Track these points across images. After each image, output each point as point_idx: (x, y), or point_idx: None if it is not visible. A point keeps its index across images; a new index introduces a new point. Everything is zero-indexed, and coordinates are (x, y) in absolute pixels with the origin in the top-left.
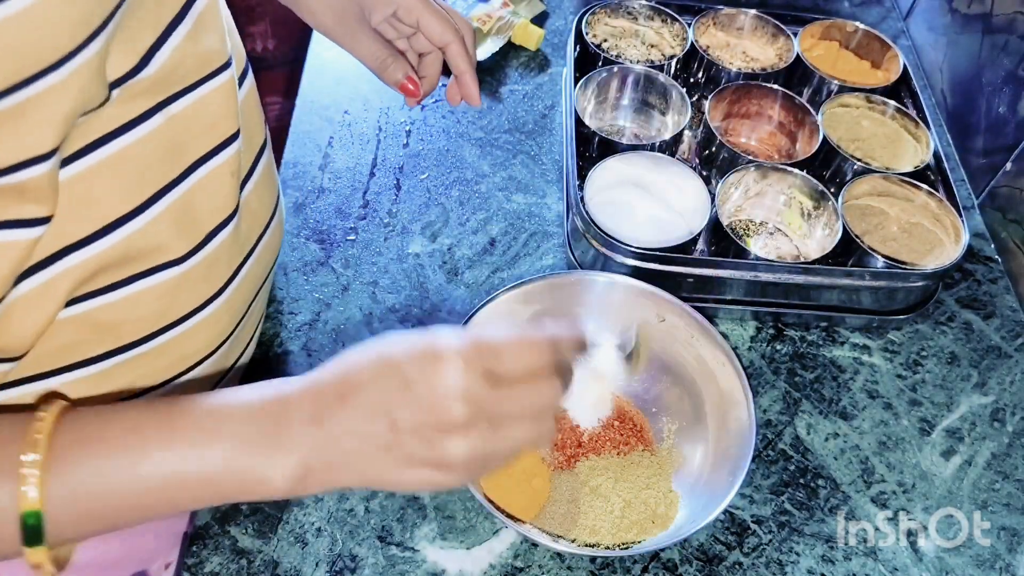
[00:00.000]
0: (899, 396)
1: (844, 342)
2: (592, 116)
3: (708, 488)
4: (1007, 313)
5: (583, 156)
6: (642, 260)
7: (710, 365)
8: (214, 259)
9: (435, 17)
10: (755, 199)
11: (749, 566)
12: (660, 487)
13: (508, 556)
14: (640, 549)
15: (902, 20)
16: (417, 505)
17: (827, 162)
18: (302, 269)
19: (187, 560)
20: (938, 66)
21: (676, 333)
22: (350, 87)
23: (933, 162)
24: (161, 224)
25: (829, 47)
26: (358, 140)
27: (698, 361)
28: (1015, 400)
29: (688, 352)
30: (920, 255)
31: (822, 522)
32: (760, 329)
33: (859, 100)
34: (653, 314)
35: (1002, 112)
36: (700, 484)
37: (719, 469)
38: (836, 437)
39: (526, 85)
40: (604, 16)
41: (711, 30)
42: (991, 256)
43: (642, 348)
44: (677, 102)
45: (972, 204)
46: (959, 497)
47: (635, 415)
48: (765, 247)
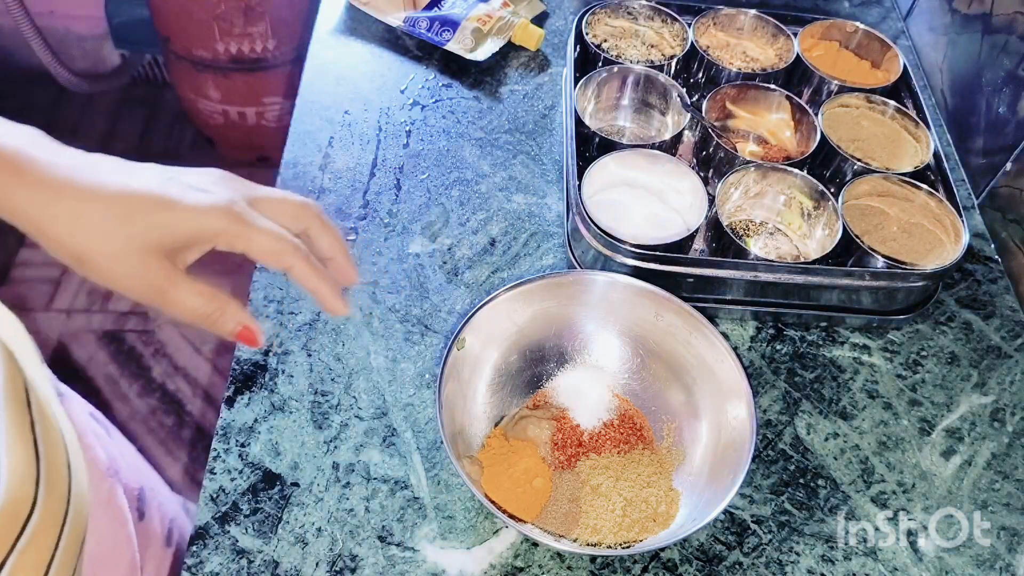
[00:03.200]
0: (899, 396)
1: (844, 342)
2: (592, 116)
3: (708, 487)
4: (1007, 313)
5: (583, 156)
6: (643, 260)
7: (710, 364)
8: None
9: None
10: (755, 199)
11: (749, 566)
12: (661, 485)
13: (508, 556)
14: (641, 548)
15: (902, 20)
16: (417, 505)
17: (827, 162)
18: None
19: (187, 560)
20: (938, 66)
21: (676, 332)
22: (350, 87)
23: (933, 162)
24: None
25: (829, 47)
26: (358, 140)
27: (698, 360)
28: (1015, 400)
29: (688, 351)
30: (920, 255)
31: (822, 522)
32: (760, 329)
33: (859, 100)
34: (652, 313)
35: (1002, 112)
36: (700, 483)
37: (719, 468)
38: (836, 437)
39: (526, 85)
40: (604, 16)
41: (711, 30)
42: (991, 256)
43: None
44: (677, 102)
45: (972, 204)
46: (959, 497)
47: (635, 414)
48: (765, 247)
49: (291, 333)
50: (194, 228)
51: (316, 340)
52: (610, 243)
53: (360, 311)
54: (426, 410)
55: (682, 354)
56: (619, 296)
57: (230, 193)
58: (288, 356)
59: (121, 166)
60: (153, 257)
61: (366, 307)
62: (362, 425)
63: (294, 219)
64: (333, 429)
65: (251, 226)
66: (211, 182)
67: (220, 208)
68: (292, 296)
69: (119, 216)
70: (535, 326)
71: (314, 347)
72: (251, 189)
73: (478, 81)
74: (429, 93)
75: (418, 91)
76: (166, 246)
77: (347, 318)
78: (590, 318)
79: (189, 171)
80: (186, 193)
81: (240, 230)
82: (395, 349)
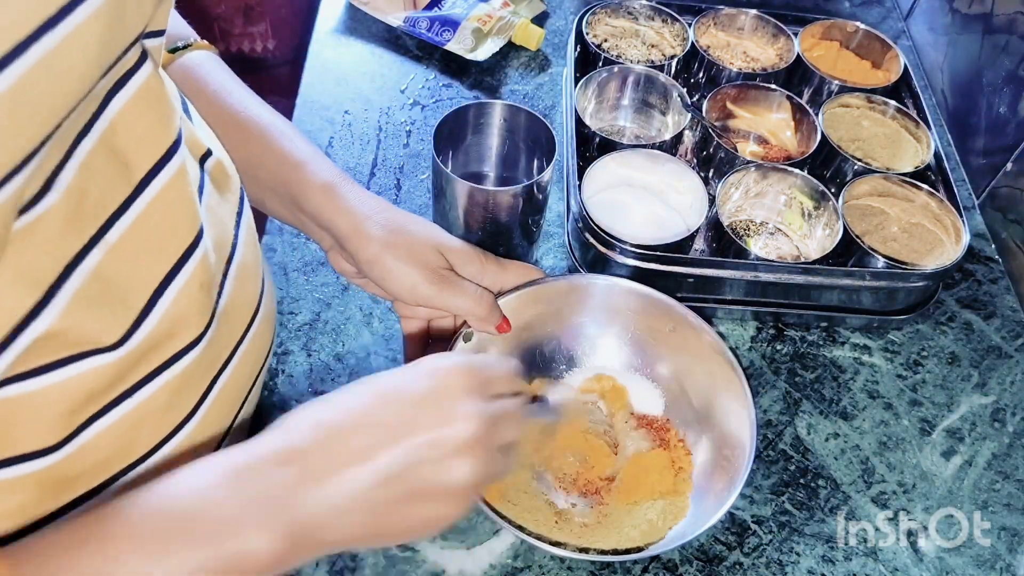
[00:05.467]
0: (899, 396)
1: (844, 342)
2: (592, 116)
3: (709, 489)
4: (1007, 313)
5: (583, 156)
6: (643, 260)
7: (709, 366)
8: (178, 385)
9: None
10: (755, 199)
11: (749, 566)
12: (678, 503)
13: (508, 556)
14: (643, 555)
15: (902, 20)
16: None
17: (827, 162)
18: (302, 269)
19: None
20: (939, 66)
21: (674, 334)
22: (350, 87)
23: (933, 162)
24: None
25: (829, 47)
26: (358, 140)
27: (697, 362)
28: (1015, 400)
29: (687, 352)
30: (920, 255)
31: (822, 522)
32: (760, 329)
33: (859, 100)
34: (653, 317)
35: (1002, 112)
36: (701, 485)
37: (720, 471)
38: (836, 437)
39: (526, 85)
40: (604, 16)
41: (711, 30)
42: (991, 256)
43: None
44: (677, 102)
45: (972, 204)
46: (959, 497)
47: (665, 433)
48: (765, 247)
49: (291, 333)
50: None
51: (316, 340)
52: (610, 243)
53: (360, 311)
54: None
55: (681, 356)
56: (619, 300)
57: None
58: (288, 356)
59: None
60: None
61: (366, 307)
62: None
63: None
64: None
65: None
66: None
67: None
68: (292, 296)
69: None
70: (534, 328)
71: (314, 347)
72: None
73: (478, 81)
74: (429, 93)
75: (418, 91)
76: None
77: (347, 318)
78: (590, 322)
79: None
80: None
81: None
82: (395, 349)
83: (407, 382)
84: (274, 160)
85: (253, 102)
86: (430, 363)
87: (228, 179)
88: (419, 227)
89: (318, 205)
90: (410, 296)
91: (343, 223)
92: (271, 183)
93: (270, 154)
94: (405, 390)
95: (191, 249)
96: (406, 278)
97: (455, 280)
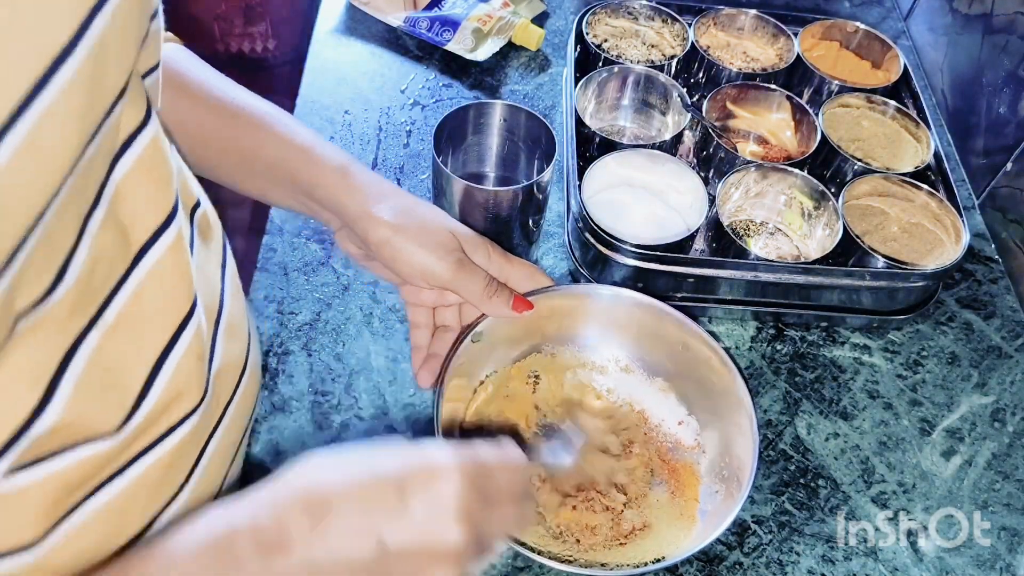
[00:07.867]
0: (899, 396)
1: (844, 342)
2: (592, 116)
3: (712, 501)
4: (1007, 313)
5: (583, 156)
6: (643, 260)
7: (707, 369)
8: (171, 459)
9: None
10: (755, 199)
11: (749, 566)
12: (685, 525)
13: (508, 556)
14: (648, 569)
15: (902, 20)
16: None
17: (827, 162)
18: (302, 269)
19: None
20: (938, 66)
21: (671, 338)
22: (350, 87)
23: (933, 162)
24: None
25: (829, 47)
26: (358, 140)
27: (695, 364)
28: (1015, 400)
29: (685, 354)
30: (920, 255)
31: (822, 522)
32: (760, 329)
33: (859, 100)
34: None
35: (1002, 112)
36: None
37: (720, 482)
38: (836, 437)
39: (526, 85)
40: (604, 16)
41: (711, 30)
42: (991, 256)
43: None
44: (677, 102)
45: (972, 204)
46: (959, 497)
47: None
48: (765, 247)
49: (291, 333)
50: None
51: (316, 340)
52: (610, 243)
53: (360, 311)
54: (426, 410)
55: (679, 359)
56: (621, 310)
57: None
58: (288, 356)
59: None
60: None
61: (366, 307)
62: (363, 425)
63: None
64: (334, 429)
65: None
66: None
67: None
68: (292, 296)
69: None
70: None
71: (314, 347)
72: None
73: (478, 81)
74: (429, 93)
75: (418, 91)
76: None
77: (347, 318)
78: (591, 329)
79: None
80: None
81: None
82: (395, 349)
83: (399, 489)
84: (274, 146)
85: (240, 91)
86: (430, 464)
87: (211, 228)
88: (430, 211)
89: (328, 187)
90: (422, 277)
91: (354, 205)
92: (272, 169)
93: (270, 140)
94: (393, 506)
95: (187, 319)
96: (418, 259)
97: (469, 262)
